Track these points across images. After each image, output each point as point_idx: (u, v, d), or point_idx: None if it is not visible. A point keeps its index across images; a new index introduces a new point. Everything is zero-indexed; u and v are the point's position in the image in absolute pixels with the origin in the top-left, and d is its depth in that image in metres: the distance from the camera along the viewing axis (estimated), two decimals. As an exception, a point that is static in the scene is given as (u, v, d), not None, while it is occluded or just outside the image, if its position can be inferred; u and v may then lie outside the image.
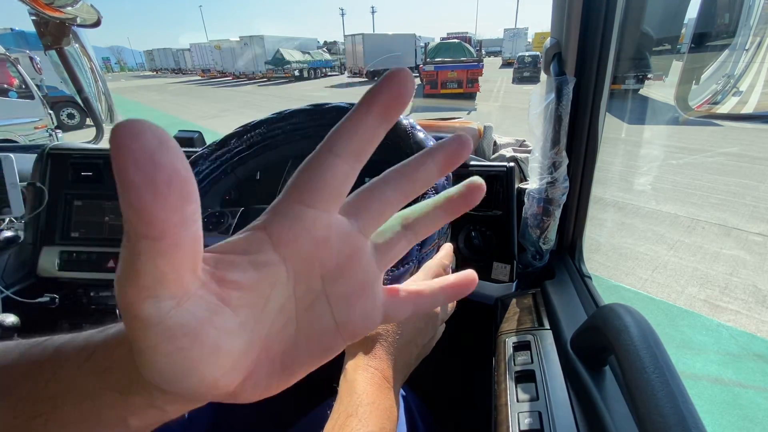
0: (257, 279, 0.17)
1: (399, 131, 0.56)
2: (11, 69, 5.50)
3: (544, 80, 0.73)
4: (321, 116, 0.64)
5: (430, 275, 0.40)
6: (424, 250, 0.43)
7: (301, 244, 0.19)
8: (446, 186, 0.47)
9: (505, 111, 10.07)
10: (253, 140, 0.66)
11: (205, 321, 0.15)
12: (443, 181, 0.46)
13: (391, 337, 0.37)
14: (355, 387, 0.33)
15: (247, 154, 0.67)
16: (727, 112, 0.86)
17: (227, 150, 0.65)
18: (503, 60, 30.29)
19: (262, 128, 0.65)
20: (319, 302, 0.19)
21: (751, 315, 2.17)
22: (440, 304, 0.38)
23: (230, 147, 0.65)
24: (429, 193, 0.44)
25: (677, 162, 4.81)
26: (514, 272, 0.79)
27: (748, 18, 0.75)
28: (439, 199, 0.23)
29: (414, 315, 0.36)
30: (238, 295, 0.17)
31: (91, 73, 1.55)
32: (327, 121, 0.64)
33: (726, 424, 1.56)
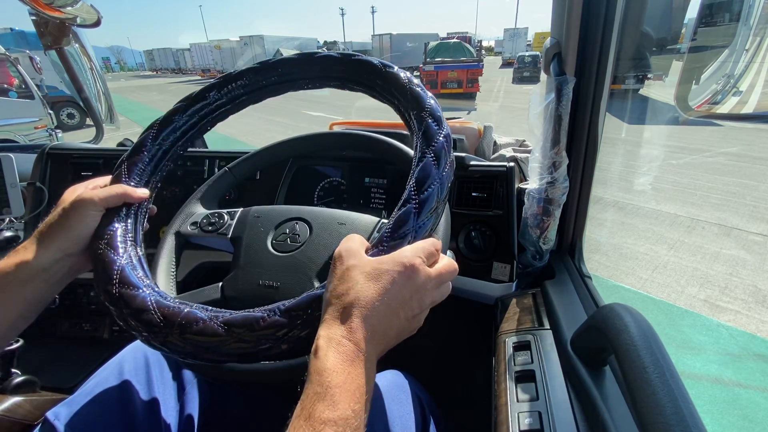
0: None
1: (395, 85, 0.52)
2: (11, 69, 5.50)
3: (544, 80, 0.73)
4: (311, 66, 0.59)
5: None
6: (420, 219, 0.41)
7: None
8: (448, 180, 0.45)
9: (505, 111, 10.07)
10: (234, 93, 0.60)
11: None
12: (447, 173, 0.45)
13: (371, 303, 0.34)
14: (326, 364, 0.31)
15: (227, 108, 0.62)
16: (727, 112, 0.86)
17: (206, 103, 0.60)
18: (503, 60, 30.29)
19: (244, 79, 0.60)
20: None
21: (751, 315, 2.17)
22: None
23: (209, 100, 0.60)
24: (434, 186, 0.42)
25: (677, 162, 4.81)
26: (514, 272, 0.79)
27: (748, 18, 0.75)
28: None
29: (399, 282, 0.36)
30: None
31: (91, 73, 1.55)
32: (318, 72, 0.59)
33: (726, 424, 1.56)
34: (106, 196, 0.49)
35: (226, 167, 0.71)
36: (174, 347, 0.40)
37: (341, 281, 0.36)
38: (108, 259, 0.45)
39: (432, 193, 0.42)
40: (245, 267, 0.53)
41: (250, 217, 0.60)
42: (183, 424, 0.55)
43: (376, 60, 0.55)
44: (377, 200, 0.96)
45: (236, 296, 0.52)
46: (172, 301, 0.42)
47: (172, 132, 0.59)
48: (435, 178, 0.43)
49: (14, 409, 0.60)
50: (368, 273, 0.36)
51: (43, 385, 0.72)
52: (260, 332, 0.38)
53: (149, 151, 0.56)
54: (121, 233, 0.48)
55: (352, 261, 0.37)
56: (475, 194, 0.84)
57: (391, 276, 0.36)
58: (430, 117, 0.48)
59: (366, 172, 0.98)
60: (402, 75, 0.53)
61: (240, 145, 6.97)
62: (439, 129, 0.46)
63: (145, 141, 0.57)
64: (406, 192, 0.42)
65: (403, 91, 0.51)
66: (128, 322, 0.41)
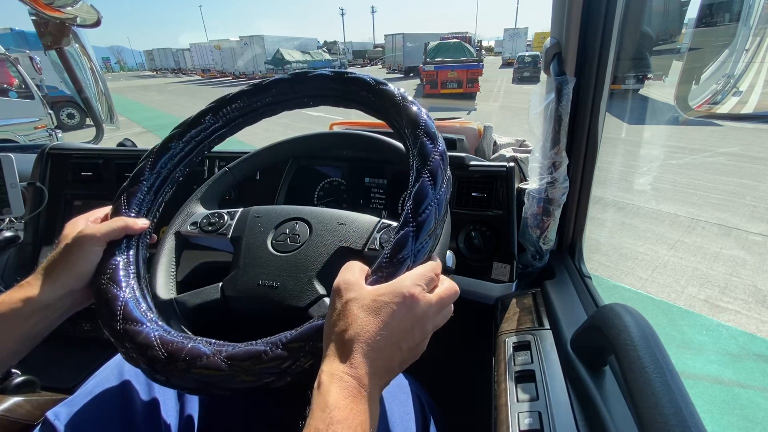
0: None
1: (389, 102, 0.52)
2: (11, 69, 5.50)
3: (544, 80, 0.73)
4: (304, 85, 0.59)
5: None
6: (419, 242, 0.40)
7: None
8: (446, 198, 0.44)
9: (505, 111, 10.07)
10: (230, 116, 0.61)
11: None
12: (443, 192, 0.44)
13: (372, 339, 0.34)
14: (328, 400, 0.31)
15: (224, 131, 0.62)
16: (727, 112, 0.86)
17: (202, 128, 0.60)
18: (503, 60, 30.30)
19: (239, 102, 0.60)
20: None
21: (751, 315, 2.17)
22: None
23: (206, 125, 0.60)
24: (431, 207, 0.42)
25: (677, 162, 4.81)
26: (514, 272, 0.79)
27: (748, 18, 0.75)
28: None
29: (399, 314, 0.35)
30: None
31: (91, 73, 1.55)
32: (311, 91, 0.59)
33: (726, 424, 1.56)
34: (108, 231, 0.49)
35: (226, 167, 0.71)
36: (178, 383, 0.40)
37: (341, 316, 0.36)
38: (111, 294, 0.45)
39: (429, 214, 0.41)
40: (245, 267, 0.53)
41: (250, 217, 0.60)
42: (183, 424, 0.55)
43: (369, 77, 0.55)
44: (377, 200, 0.96)
45: (236, 296, 0.52)
46: (176, 336, 0.42)
47: (170, 159, 0.59)
48: (432, 199, 0.42)
49: (14, 409, 0.60)
50: (368, 307, 0.36)
51: (43, 385, 0.72)
52: (264, 365, 0.38)
53: (148, 180, 0.56)
54: (123, 267, 0.48)
55: (351, 294, 0.37)
56: (475, 194, 0.84)
57: (390, 309, 0.36)
58: (425, 135, 0.47)
59: (366, 172, 0.98)
60: (396, 92, 0.53)
61: (240, 145, 6.95)
62: (434, 147, 0.46)
63: (143, 170, 0.56)
64: (404, 215, 0.42)
65: (396, 108, 0.51)
66: (132, 357, 0.42)
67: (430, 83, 12.31)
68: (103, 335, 0.44)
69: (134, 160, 1.07)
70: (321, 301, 0.48)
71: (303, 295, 0.49)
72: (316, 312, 0.48)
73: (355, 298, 0.37)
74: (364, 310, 0.36)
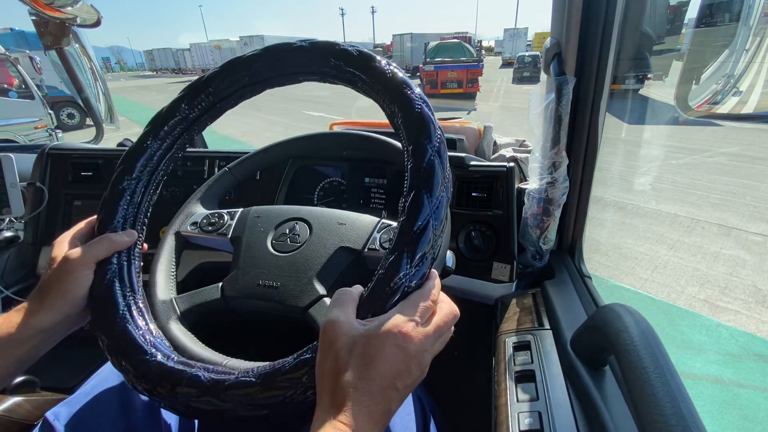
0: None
1: (377, 75, 0.45)
2: (11, 69, 5.50)
3: (544, 80, 0.73)
4: (281, 62, 0.51)
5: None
6: (413, 264, 0.37)
7: None
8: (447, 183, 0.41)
9: (505, 111, 10.07)
10: (206, 103, 0.54)
11: None
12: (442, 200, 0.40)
13: (365, 386, 0.32)
14: None
15: (204, 119, 0.56)
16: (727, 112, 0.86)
17: (178, 120, 0.54)
18: (503, 60, 30.30)
19: (211, 87, 0.53)
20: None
21: (751, 315, 2.17)
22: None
23: (181, 116, 0.54)
24: (428, 222, 0.38)
25: (677, 162, 4.81)
26: (514, 272, 0.79)
27: (748, 18, 0.75)
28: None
29: (392, 356, 0.34)
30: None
31: (91, 73, 1.55)
32: (291, 69, 0.52)
33: (726, 424, 1.56)
34: (95, 253, 0.48)
35: (226, 167, 0.71)
36: (177, 411, 0.41)
37: (332, 361, 0.34)
38: (107, 318, 0.45)
39: (427, 230, 0.37)
40: (245, 267, 0.53)
41: (250, 217, 0.60)
42: (183, 424, 0.55)
43: (353, 47, 0.48)
44: (377, 200, 0.96)
45: (236, 296, 0.52)
46: (174, 363, 0.42)
47: (149, 160, 0.53)
48: (429, 212, 0.38)
49: (14, 409, 0.60)
50: (359, 353, 0.33)
51: (43, 385, 0.72)
52: (260, 396, 0.37)
53: (129, 187, 0.52)
54: (118, 287, 0.47)
55: (341, 338, 0.34)
56: (475, 194, 0.84)
57: (382, 353, 0.33)
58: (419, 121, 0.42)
59: (366, 172, 0.98)
60: (384, 65, 0.46)
61: (240, 145, 6.97)
62: (429, 144, 0.41)
63: (121, 177, 0.52)
64: (397, 233, 0.38)
65: (384, 79, 0.45)
66: (133, 383, 0.42)
67: (430, 83, 12.31)
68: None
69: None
70: (321, 301, 0.48)
71: (303, 295, 0.49)
72: (316, 313, 0.47)
73: (345, 342, 0.34)
74: (356, 356, 0.33)
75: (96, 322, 0.46)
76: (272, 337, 0.88)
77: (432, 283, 0.39)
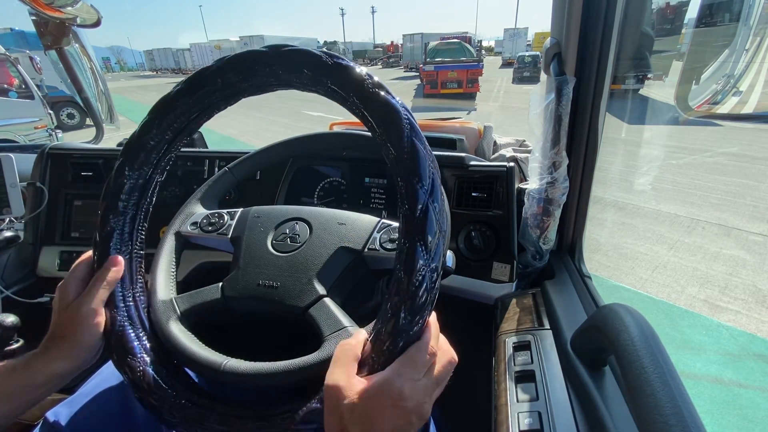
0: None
1: (361, 91, 0.41)
2: (11, 69, 5.50)
3: (544, 80, 0.73)
4: (287, 64, 0.45)
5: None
6: (413, 316, 0.36)
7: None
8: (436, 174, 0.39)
9: (505, 111, 10.07)
10: (176, 124, 0.51)
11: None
12: (431, 170, 0.38)
13: None
14: None
15: (178, 139, 0.52)
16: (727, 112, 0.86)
17: (152, 146, 0.50)
18: (503, 60, 30.30)
19: (181, 106, 0.50)
20: None
21: (751, 315, 2.17)
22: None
23: (155, 141, 0.50)
24: (425, 276, 0.37)
25: (677, 162, 4.81)
26: (514, 272, 0.79)
27: (748, 18, 0.75)
28: None
29: (392, 416, 0.35)
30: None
31: (91, 73, 1.55)
32: (295, 71, 0.45)
33: (726, 424, 1.56)
34: (100, 297, 0.48)
35: (226, 167, 0.71)
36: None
37: (336, 419, 0.36)
38: (126, 363, 0.46)
39: (423, 284, 0.36)
40: (245, 267, 0.53)
41: (250, 217, 0.60)
42: None
43: (321, 52, 0.44)
44: (377, 200, 0.96)
45: (236, 296, 0.52)
46: (187, 405, 0.44)
47: (130, 194, 0.51)
48: (425, 264, 0.36)
49: (14, 409, 0.60)
50: (360, 413, 0.35)
51: (43, 385, 0.71)
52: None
53: (117, 226, 0.50)
54: (130, 330, 0.48)
55: (342, 401, 0.36)
56: (475, 194, 0.84)
57: (382, 413, 0.35)
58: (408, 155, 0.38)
59: (366, 172, 0.98)
60: (355, 68, 0.42)
61: (240, 145, 6.97)
62: (421, 186, 0.37)
63: (107, 217, 0.50)
64: (394, 285, 0.37)
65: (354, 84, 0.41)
66: (161, 417, 0.45)
67: (430, 83, 12.31)
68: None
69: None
70: (321, 301, 0.48)
71: (303, 295, 0.49)
72: (316, 313, 0.47)
73: (348, 404, 0.35)
74: (357, 415, 0.35)
75: (118, 365, 0.47)
76: (272, 337, 0.88)
77: (429, 334, 0.39)
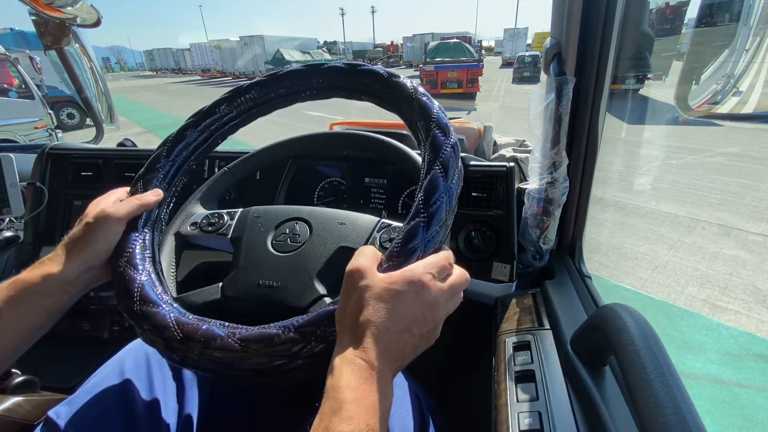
0: None
1: (403, 94, 0.52)
2: (11, 69, 5.49)
3: (544, 80, 0.73)
4: (318, 76, 0.59)
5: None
6: (429, 232, 0.41)
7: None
8: (457, 189, 0.46)
9: (505, 111, 10.07)
10: (244, 106, 0.62)
11: None
12: (455, 184, 0.45)
13: (383, 325, 0.35)
14: (341, 382, 0.32)
15: (238, 121, 0.63)
16: (727, 112, 0.86)
17: (216, 118, 0.61)
18: (503, 60, 30.30)
19: (253, 92, 0.61)
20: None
21: (751, 315, 2.17)
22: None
23: (220, 114, 0.61)
24: (442, 198, 0.43)
25: (677, 162, 4.81)
26: (514, 272, 0.79)
27: (748, 18, 0.75)
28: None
29: (410, 301, 0.36)
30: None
31: (91, 73, 1.55)
32: (325, 83, 0.60)
33: (726, 424, 1.56)
34: (128, 211, 0.52)
35: (226, 167, 0.71)
36: (193, 362, 0.41)
37: (353, 303, 0.37)
38: (128, 276, 0.46)
39: (441, 206, 0.42)
40: (245, 267, 0.53)
41: (250, 217, 0.60)
42: (183, 423, 0.55)
43: (382, 69, 0.56)
44: (377, 200, 0.96)
45: (236, 296, 0.52)
46: (191, 318, 0.43)
47: (185, 147, 0.60)
48: (443, 190, 0.43)
49: (14, 409, 0.59)
50: (378, 294, 0.37)
51: (43, 385, 0.71)
52: (276, 348, 0.39)
53: (163, 168, 0.58)
54: (140, 251, 0.50)
55: (363, 282, 0.38)
56: (475, 194, 0.84)
57: (401, 296, 0.37)
58: (437, 127, 0.47)
59: (366, 172, 0.98)
60: (408, 84, 0.53)
61: (240, 145, 6.95)
62: (446, 139, 0.46)
63: (159, 158, 0.58)
64: (415, 205, 0.42)
65: (409, 100, 0.52)
66: (149, 337, 0.43)
67: (430, 83, 12.30)
68: (103, 335, 0.44)
69: (134, 160, 1.07)
70: (321, 300, 0.49)
71: (303, 294, 0.49)
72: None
73: (367, 285, 0.37)
74: (375, 297, 0.36)
75: (117, 280, 0.47)
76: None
77: (447, 252, 0.43)
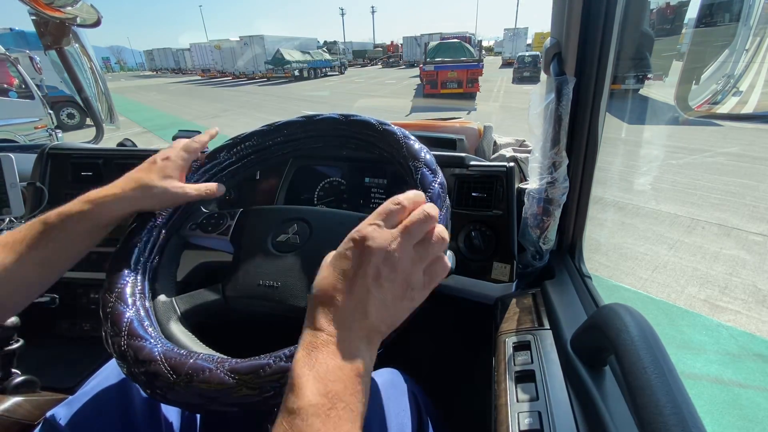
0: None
1: (392, 140, 0.57)
2: (11, 69, 5.49)
3: (544, 80, 0.73)
4: (314, 126, 0.64)
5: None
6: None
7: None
8: (446, 208, 0.48)
9: (505, 111, 10.07)
10: (243, 153, 0.65)
11: None
12: (442, 218, 0.45)
13: (329, 292, 0.33)
14: (295, 359, 0.32)
15: (237, 167, 0.66)
16: (727, 112, 0.86)
17: (216, 163, 0.64)
18: (503, 60, 30.29)
19: (253, 140, 0.65)
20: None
21: (751, 315, 2.17)
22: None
23: (220, 160, 0.64)
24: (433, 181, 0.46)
25: (677, 162, 4.81)
26: (514, 272, 0.79)
27: (748, 18, 0.75)
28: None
29: (356, 258, 0.33)
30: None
31: (91, 73, 1.55)
32: (319, 132, 0.65)
33: (726, 424, 1.56)
34: (195, 187, 0.58)
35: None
36: (178, 398, 0.40)
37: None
38: (118, 312, 0.46)
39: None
40: (245, 267, 0.53)
41: (250, 218, 0.60)
42: (183, 423, 0.55)
43: (373, 119, 0.60)
44: (377, 200, 0.96)
45: (237, 296, 0.52)
46: (179, 352, 0.42)
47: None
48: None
49: (14, 409, 0.60)
50: (327, 263, 0.35)
51: (43, 385, 0.72)
52: (265, 378, 0.38)
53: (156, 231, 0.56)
54: (130, 288, 0.49)
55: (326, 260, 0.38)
56: (475, 194, 0.84)
57: (344, 258, 0.34)
58: (425, 167, 0.51)
59: (366, 172, 0.98)
60: (397, 131, 0.57)
61: (240, 145, 6.93)
62: (434, 177, 0.50)
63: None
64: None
65: (398, 145, 0.56)
66: (134, 373, 0.41)
67: (430, 83, 12.31)
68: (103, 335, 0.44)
69: (134, 160, 1.07)
70: None
71: (304, 294, 0.49)
72: None
73: (325, 259, 0.37)
74: (324, 268, 0.35)
75: (105, 316, 0.46)
76: (273, 337, 0.88)
77: (397, 197, 0.37)
